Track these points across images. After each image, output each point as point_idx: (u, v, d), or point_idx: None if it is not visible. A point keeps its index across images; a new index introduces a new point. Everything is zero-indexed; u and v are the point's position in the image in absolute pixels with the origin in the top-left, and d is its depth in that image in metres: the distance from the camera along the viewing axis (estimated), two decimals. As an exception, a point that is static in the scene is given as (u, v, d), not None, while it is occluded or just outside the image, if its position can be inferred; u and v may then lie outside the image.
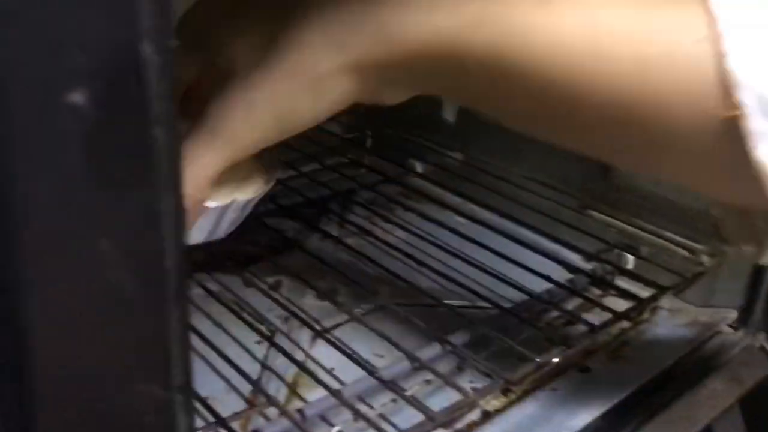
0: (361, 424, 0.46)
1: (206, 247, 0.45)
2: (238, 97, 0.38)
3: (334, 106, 0.39)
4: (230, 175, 0.42)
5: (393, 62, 0.37)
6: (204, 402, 0.42)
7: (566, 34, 0.33)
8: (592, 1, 0.34)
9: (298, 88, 0.37)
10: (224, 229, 0.45)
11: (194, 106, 0.41)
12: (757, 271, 0.59)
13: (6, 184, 0.16)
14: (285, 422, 0.44)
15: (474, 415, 0.49)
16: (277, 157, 0.49)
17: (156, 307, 0.20)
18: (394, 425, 0.48)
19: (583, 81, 0.33)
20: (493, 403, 0.51)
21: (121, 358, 0.19)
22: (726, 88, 0.30)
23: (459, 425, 0.48)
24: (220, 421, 0.40)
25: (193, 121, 0.39)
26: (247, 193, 0.45)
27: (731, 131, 0.31)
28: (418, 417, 0.44)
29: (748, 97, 0.29)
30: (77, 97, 0.16)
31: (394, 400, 0.48)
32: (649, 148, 0.36)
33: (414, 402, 0.43)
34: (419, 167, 0.82)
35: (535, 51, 0.34)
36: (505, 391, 0.51)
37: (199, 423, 0.43)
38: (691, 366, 0.56)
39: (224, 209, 0.43)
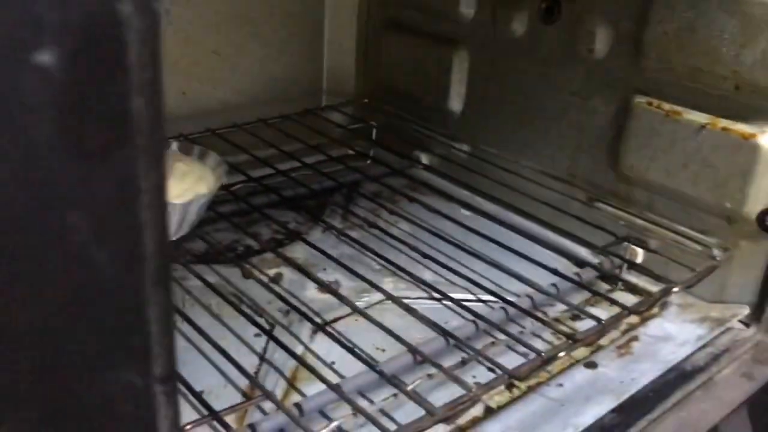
0: (361, 419, 0.45)
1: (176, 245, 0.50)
2: None
3: None
4: (183, 177, 0.48)
5: None
6: (197, 395, 0.40)
7: None
8: None
9: None
10: (189, 224, 0.50)
11: None
12: (770, 266, 0.58)
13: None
14: (282, 417, 0.43)
15: (477, 411, 0.48)
16: (221, 159, 0.54)
17: (134, 291, 0.19)
18: (394, 420, 0.47)
19: None
20: (496, 398, 0.50)
21: (94, 344, 0.18)
22: None
23: (461, 421, 0.47)
24: (213, 414, 0.38)
25: None
26: (202, 189, 0.50)
27: None
28: (419, 412, 0.43)
29: None
30: (45, 58, 0.15)
31: (395, 395, 0.47)
32: None
33: (414, 397, 0.42)
34: (425, 159, 0.80)
35: None
36: (510, 387, 0.50)
37: (195, 416, 0.42)
38: (702, 362, 0.55)
39: (187, 206, 0.48)
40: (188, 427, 0.39)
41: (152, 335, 0.20)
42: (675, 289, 0.54)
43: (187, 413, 0.43)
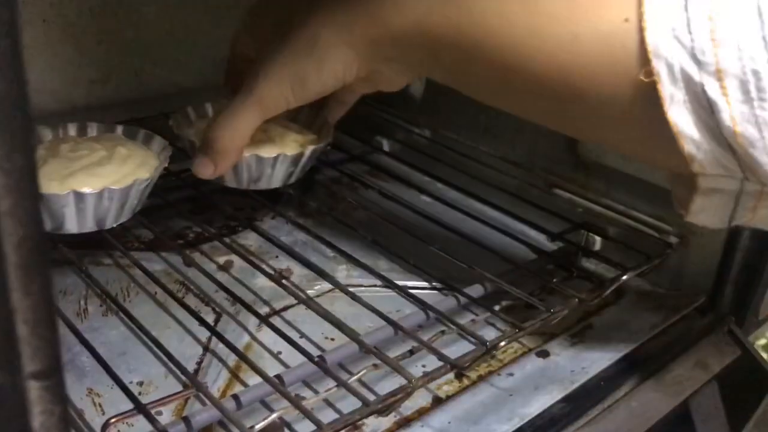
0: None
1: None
2: (265, 67, 0.49)
3: (338, 75, 0.48)
4: (125, 162, 0.51)
5: (384, 39, 0.45)
6: (124, 386, 0.39)
7: (513, 13, 0.39)
8: None
9: (306, 59, 0.47)
10: (130, 209, 0.51)
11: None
12: (726, 254, 0.57)
13: None
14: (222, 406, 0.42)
15: (424, 401, 0.47)
16: (166, 143, 0.55)
17: (-7, 281, 0.17)
18: (338, 411, 0.46)
19: (525, 53, 0.39)
20: (445, 388, 0.49)
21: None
22: (644, 58, 0.34)
23: (407, 411, 0.46)
24: (139, 407, 0.37)
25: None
26: (144, 174, 0.50)
27: (650, 97, 0.34)
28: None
29: (660, 66, 0.33)
30: None
31: (338, 385, 0.46)
32: (586, 116, 0.40)
33: (352, 388, 0.41)
34: (386, 145, 0.79)
35: (490, 29, 0.40)
36: (459, 377, 0.49)
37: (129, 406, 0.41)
38: (656, 350, 0.54)
39: (126, 191, 0.49)
40: (113, 420, 0.37)
41: (18, 328, 0.18)
42: (625, 277, 0.53)
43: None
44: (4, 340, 0.18)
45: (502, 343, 0.44)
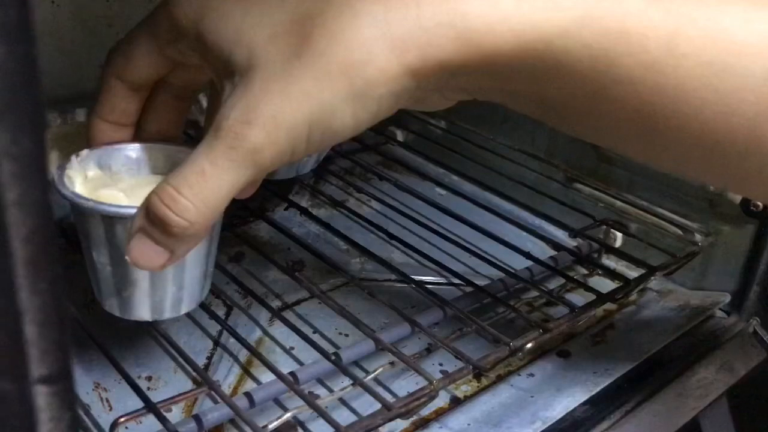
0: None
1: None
2: (260, 101, 0.29)
3: (378, 118, 0.31)
4: None
5: (469, 65, 0.29)
6: (135, 385, 0.37)
7: (690, 39, 0.28)
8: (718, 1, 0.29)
9: (340, 94, 0.29)
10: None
11: (208, 111, 0.35)
12: (753, 253, 0.55)
13: None
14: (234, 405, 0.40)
15: (442, 401, 0.46)
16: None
17: (-1, 279, 0.16)
18: (353, 411, 0.44)
19: (702, 96, 0.28)
20: (463, 388, 0.47)
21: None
22: None
23: (425, 412, 0.45)
24: (149, 406, 0.36)
25: (205, 129, 0.31)
26: None
27: None
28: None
29: None
30: None
31: (354, 383, 0.44)
32: (760, 171, 0.30)
33: (370, 388, 0.39)
34: (400, 135, 0.77)
35: (649, 58, 0.28)
36: (478, 376, 0.48)
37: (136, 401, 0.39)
38: (680, 352, 0.52)
39: None
40: (122, 419, 0.36)
41: (25, 330, 0.17)
42: (653, 277, 0.51)
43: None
44: (11, 342, 0.16)
45: (528, 346, 0.42)
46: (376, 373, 0.44)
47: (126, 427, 0.40)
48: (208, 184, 0.30)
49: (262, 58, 0.30)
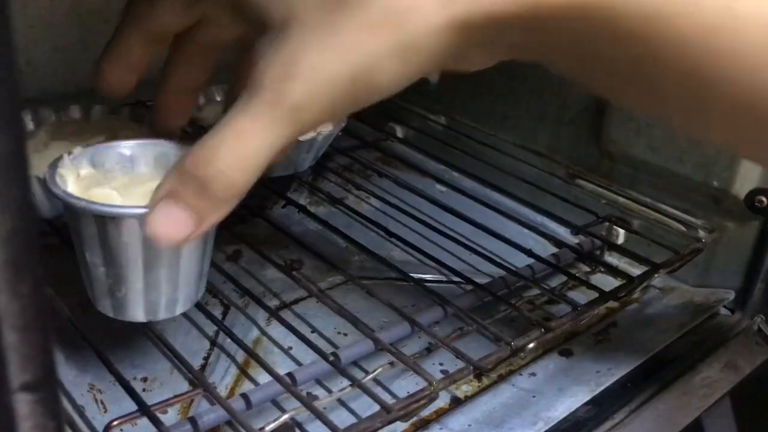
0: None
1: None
2: (300, 55, 0.28)
3: (422, 73, 0.30)
4: None
5: (517, 19, 0.28)
6: (129, 387, 0.37)
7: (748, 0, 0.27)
8: None
9: (383, 45, 0.28)
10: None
11: (243, 69, 0.34)
12: (757, 250, 0.55)
13: None
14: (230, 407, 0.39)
15: (443, 401, 0.45)
16: None
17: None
18: (352, 412, 0.43)
19: (762, 62, 0.26)
20: (464, 387, 0.47)
21: None
22: None
23: (425, 412, 0.44)
24: (143, 409, 0.35)
25: (242, 88, 0.29)
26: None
27: None
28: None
29: None
30: None
31: (353, 384, 0.43)
32: None
33: (369, 390, 0.38)
34: (400, 132, 0.76)
35: (705, 20, 0.27)
36: (478, 376, 0.47)
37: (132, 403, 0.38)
38: (683, 351, 0.52)
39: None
40: (115, 422, 0.35)
41: (5, 336, 0.16)
42: (656, 274, 0.51)
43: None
44: (-12, 350, 0.16)
45: (530, 346, 0.42)
46: (375, 373, 0.43)
47: (120, 430, 0.39)
48: (249, 143, 0.29)
49: (301, 10, 0.28)
